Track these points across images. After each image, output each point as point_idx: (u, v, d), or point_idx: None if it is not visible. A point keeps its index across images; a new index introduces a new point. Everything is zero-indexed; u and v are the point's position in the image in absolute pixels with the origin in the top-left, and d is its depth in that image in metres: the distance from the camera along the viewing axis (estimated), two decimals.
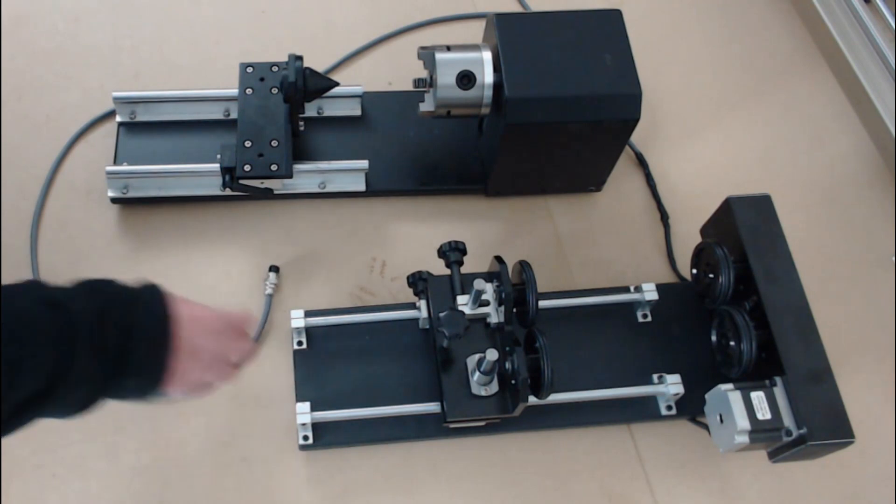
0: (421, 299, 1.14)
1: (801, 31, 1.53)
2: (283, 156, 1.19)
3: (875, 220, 1.36)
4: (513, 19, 1.18)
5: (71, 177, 1.28)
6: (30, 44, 1.38)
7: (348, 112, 1.33)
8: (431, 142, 1.32)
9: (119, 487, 1.09)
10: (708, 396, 1.06)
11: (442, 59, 1.16)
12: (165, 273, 1.22)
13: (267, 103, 1.22)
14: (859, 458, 1.15)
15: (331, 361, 1.14)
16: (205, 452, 1.11)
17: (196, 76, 1.37)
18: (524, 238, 1.29)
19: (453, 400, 1.06)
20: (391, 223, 1.29)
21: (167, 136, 1.28)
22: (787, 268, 1.09)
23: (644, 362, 1.17)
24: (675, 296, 1.21)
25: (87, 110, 1.32)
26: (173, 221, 1.25)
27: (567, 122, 1.15)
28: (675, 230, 1.31)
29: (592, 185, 1.32)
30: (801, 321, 1.05)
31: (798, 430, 0.99)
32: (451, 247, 1.11)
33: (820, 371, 1.02)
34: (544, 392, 1.03)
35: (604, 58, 1.16)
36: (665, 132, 1.40)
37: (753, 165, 1.39)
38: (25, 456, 1.09)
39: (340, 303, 1.21)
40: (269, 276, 1.20)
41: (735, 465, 1.16)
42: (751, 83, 1.47)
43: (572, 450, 1.15)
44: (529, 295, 1.07)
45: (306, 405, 1.08)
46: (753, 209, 1.12)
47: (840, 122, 1.44)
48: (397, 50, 1.44)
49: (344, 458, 1.12)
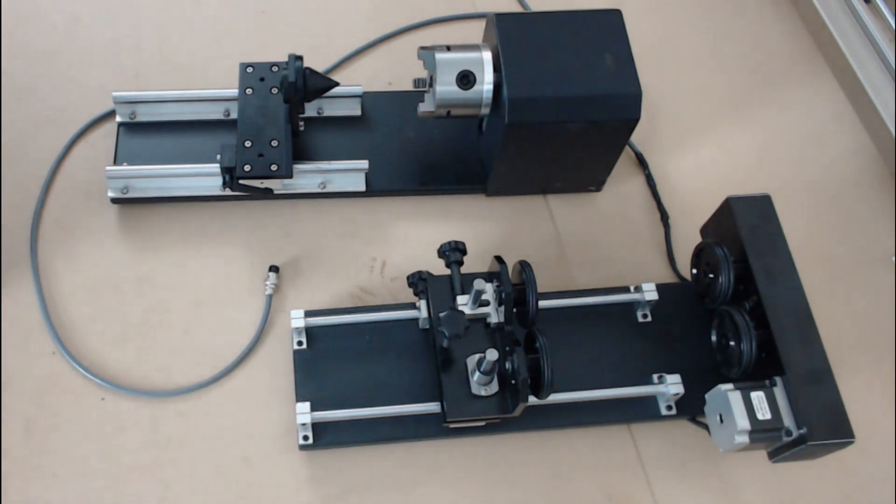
0: (421, 299, 1.14)
1: (802, 31, 1.53)
2: (283, 156, 1.19)
3: (875, 220, 1.36)
4: (513, 19, 1.18)
5: (71, 177, 1.28)
6: (30, 44, 1.38)
7: (348, 112, 1.33)
8: (431, 142, 1.32)
9: (119, 487, 1.09)
10: (708, 396, 1.06)
11: (442, 59, 1.16)
12: (165, 273, 1.22)
13: (267, 103, 1.22)
14: (859, 458, 1.15)
15: (331, 361, 1.14)
16: (205, 452, 1.11)
17: (196, 76, 1.37)
18: (524, 238, 1.29)
19: (453, 400, 1.06)
20: (391, 223, 1.29)
21: (167, 136, 1.28)
22: (787, 268, 1.09)
23: (644, 362, 1.17)
24: (675, 296, 1.21)
25: (87, 110, 1.32)
26: (173, 221, 1.26)
27: (567, 122, 1.15)
28: (675, 230, 1.31)
29: (592, 185, 1.32)
30: (801, 321, 1.05)
31: (798, 430, 0.99)
32: (451, 247, 1.11)
33: (820, 371, 1.02)
34: (544, 392, 1.03)
35: (604, 58, 1.16)
36: (665, 132, 1.40)
37: (753, 165, 1.39)
38: (25, 456, 1.09)
39: (340, 303, 1.21)
40: (269, 276, 1.20)
41: (735, 465, 1.16)
42: (751, 83, 1.47)
43: (572, 450, 1.15)
44: (529, 295, 1.07)
45: (306, 405, 1.08)
46: (753, 209, 1.12)
47: (840, 122, 1.44)
48: (397, 50, 1.44)
49: (344, 458, 1.12)
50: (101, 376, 1.14)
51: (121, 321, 1.18)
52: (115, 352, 1.16)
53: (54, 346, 1.16)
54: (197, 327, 1.19)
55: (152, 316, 1.19)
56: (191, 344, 1.18)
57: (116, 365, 1.15)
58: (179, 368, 1.16)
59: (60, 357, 1.15)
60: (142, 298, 1.20)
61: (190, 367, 1.16)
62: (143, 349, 1.17)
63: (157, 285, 1.21)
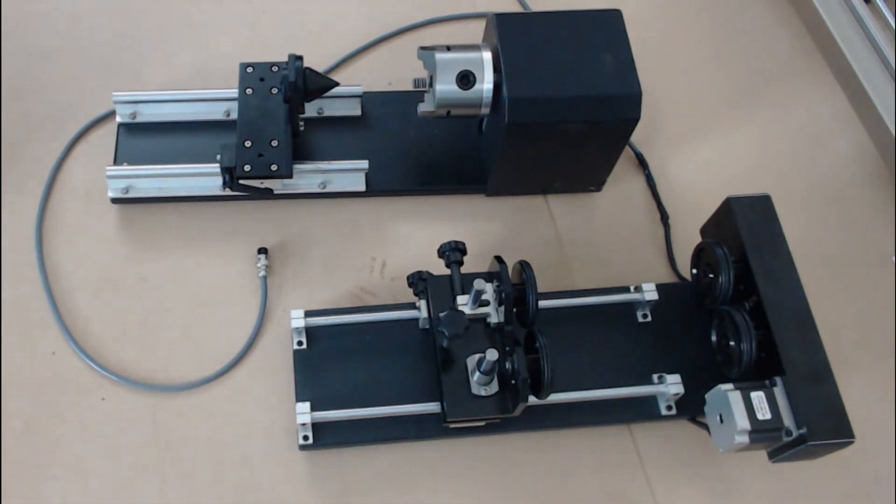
0: (421, 299, 1.14)
1: (801, 31, 1.53)
2: (283, 156, 1.19)
3: (875, 220, 1.36)
4: (513, 19, 1.18)
5: (71, 177, 1.28)
6: (30, 44, 1.38)
7: (348, 112, 1.33)
8: (431, 142, 1.32)
9: (119, 487, 1.09)
10: (708, 396, 1.06)
11: (442, 59, 1.16)
12: (165, 273, 1.22)
13: (267, 103, 1.22)
14: (859, 458, 1.15)
15: (331, 361, 1.14)
16: (205, 452, 1.11)
17: (196, 76, 1.37)
18: (524, 238, 1.29)
19: (453, 400, 1.06)
20: (391, 223, 1.29)
21: (167, 136, 1.28)
22: (787, 268, 1.09)
23: (644, 362, 1.17)
24: (675, 296, 1.21)
25: (87, 110, 1.32)
26: (173, 221, 1.26)
27: (567, 122, 1.15)
28: (675, 230, 1.31)
29: (592, 185, 1.32)
30: (801, 321, 1.05)
31: (798, 430, 0.99)
32: (451, 247, 1.11)
33: (820, 371, 1.02)
34: (544, 392, 1.03)
35: (604, 58, 1.16)
36: (665, 132, 1.40)
37: (753, 165, 1.39)
38: (25, 456, 1.09)
39: (340, 303, 1.21)
40: (259, 259, 1.21)
41: (735, 465, 1.16)
42: (751, 83, 1.47)
43: (572, 450, 1.15)
44: (529, 295, 1.07)
45: (306, 405, 1.08)
46: (753, 209, 1.12)
47: (840, 122, 1.44)
48: (397, 50, 1.44)
49: (344, 458, 1.12)
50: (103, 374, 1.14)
51: (120, 321, 1.18)
52: (116, 351, 1.16)
53: (54, 346, 1.16)
54: (197, 327, 1.19)
55: (152, 316, 1.19)
56: (191, 344, 1.18)
57: (116, 364, 1.15)
58: (179, 368, 1.16)
59: (61, 357, 1.15)
60: (141, 298, 1.20)
61: (190, 366, 1.16)
62: (143, 349, 1.17)
63: (157, 285, 1.21)
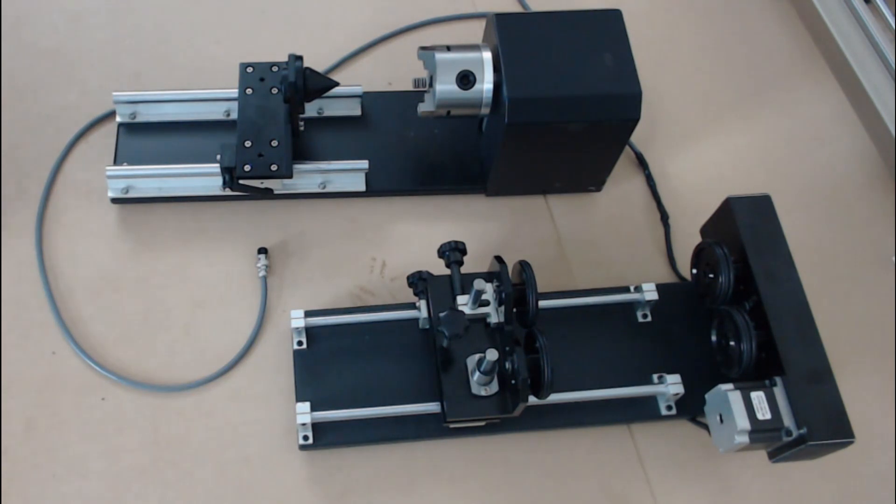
0: (421, 299, 1.14)
1: (802, 31, 1.53)
2: (283, 156, 1.19)
3: (875, 220, 1.36)
4: (513, 19, 1.18)
5: (71, 177, 1.28)
6: (30, 44, 1.38)
7: (348, 112, 1.33)
8: (431, 142, 1.32)
9: (119, 487, 1.09)
10: (708, 396, 1.06)
11: (442, 59, 1.16)
12: (165, 273, 1.22)
13: (267, 103, 1.22)
14: (859, 458, 1.15)
15: (331, 361, 1.14)
16: (205, 452, 1.11)
17: (196, 76, 1.37)
18: (524, 238, 1.29)
19: (453, 400, 1.06)
20: (391, 223, 1.29)
21: (167, 136, 1.28)
22: (787, 268, 1.09)
23: (644, 362, 1.17)
24: (675, 296, 1.21)
25: (87, 110, 1.32)
26: (173, 221, 1.26)
27: (567, 122, 1.15)
28: (675, 230, 1.31)
29: (592, 185, 1.32)
30: (801, 321, 1.05)
31: (798, 430, 0.99)
32: (450, 247, 1.11)
33: (820, 371, 1.02)
34: (544, 392, 1.03)
35: (604, 58, 1.16)
36: (665, 132, 1.40)
37: (753, 165, 1.39)
38: (25, 456, 1.09)
39: (340, 303, 1.21)
40: (259, 259, 1.21)
41: (735, 465, 1.16)
42: (751, 83, 1.47)
43: (572, 450, 1.15)
44: (529, 295, 1.07)
45: (306, 405, 1.08)
46: (753, 209, 1.12)
47: (840, 123, 1.44)
48: (397, 50, 1.44)
49: (344, 458, 1.12)
50: (103, 374, 1.14)
51: (120, 321, 1.18)
52: (115, 351, 1.16)
53: (54, 346, 1.16)
54: (197, 327, 1.19)
55: (152, 316, 1.19)
56: (191, 344, 1.18)
57: (116, 364, 1.15)
58: (179, 368, 1.16)
59: (61, 357, 1.15)
60: (141, 298, 1.20)
61: (190, 366, 1.16)
62: (143, 349, 1.17)
63: (157, 285, 1.21)
